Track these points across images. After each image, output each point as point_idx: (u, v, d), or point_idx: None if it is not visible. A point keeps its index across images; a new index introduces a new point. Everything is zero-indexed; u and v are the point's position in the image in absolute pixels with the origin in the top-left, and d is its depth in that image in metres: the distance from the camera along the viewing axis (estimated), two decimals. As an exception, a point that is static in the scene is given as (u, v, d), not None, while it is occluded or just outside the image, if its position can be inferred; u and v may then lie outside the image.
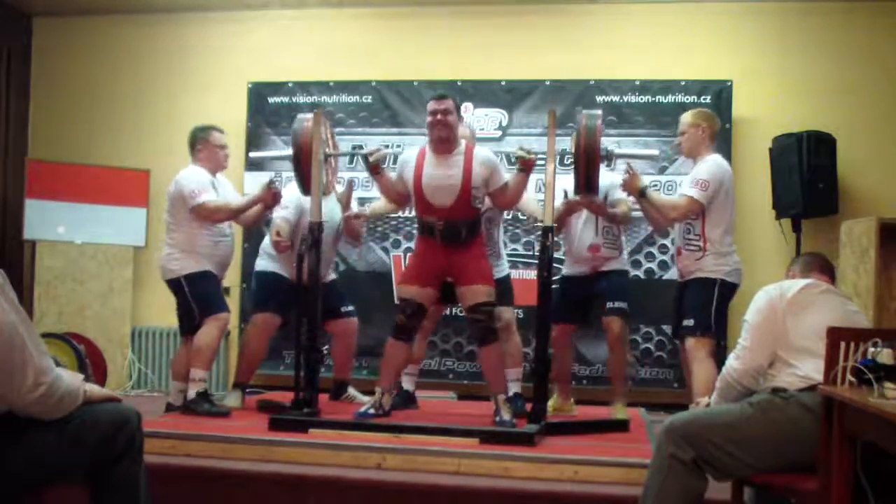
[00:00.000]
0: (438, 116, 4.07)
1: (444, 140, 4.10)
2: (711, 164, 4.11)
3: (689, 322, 4.05)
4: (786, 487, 2.57)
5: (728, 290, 4.11)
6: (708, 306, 4.03)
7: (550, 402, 4.48)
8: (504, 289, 4.51)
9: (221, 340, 4.70)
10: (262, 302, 4.65)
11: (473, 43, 6.00)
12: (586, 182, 4.16)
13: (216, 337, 4.43)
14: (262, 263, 4.71)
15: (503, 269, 4.64)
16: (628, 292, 4.48)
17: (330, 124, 4.67)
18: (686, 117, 4.25)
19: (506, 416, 4.03)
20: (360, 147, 5.81)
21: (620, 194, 4.42)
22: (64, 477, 2.29)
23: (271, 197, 4.50)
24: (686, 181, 4.25)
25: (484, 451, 3.49)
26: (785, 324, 2.69)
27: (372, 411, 4.14)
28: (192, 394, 4.34)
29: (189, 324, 4.46)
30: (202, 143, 4.54)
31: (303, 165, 4.31)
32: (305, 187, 4.38)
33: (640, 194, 4.21)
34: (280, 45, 6.25)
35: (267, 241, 4.74)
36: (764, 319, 2.74)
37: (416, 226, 4.49)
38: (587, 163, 4.08)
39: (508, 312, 4.55)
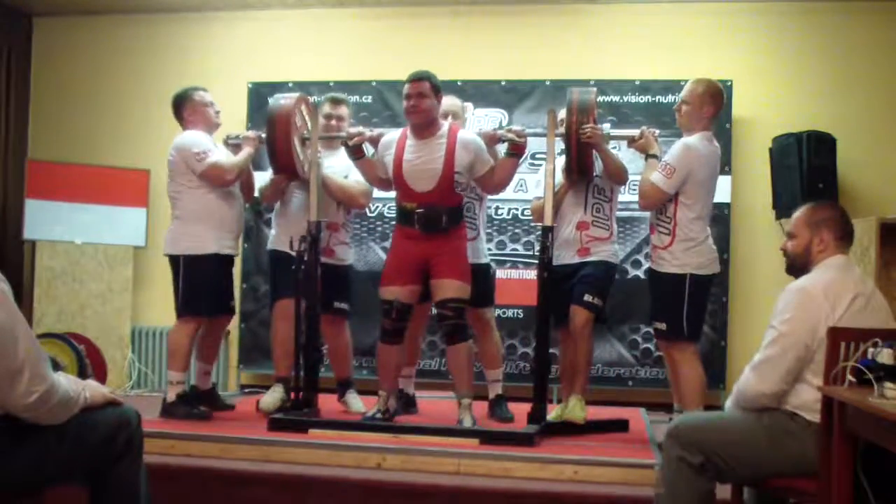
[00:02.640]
0: (412, 102, 3.92)
1: (420, 126, 3.98)
2: (681, 148, 3.79)
3: (660, 326, 3.85)
4: (786, 487, 2.57)
5: (701, 283, 3.82)
6: (679, 308, 3.77)
7: (556, 412, 4.22)
8: (485, 285, 4.35)
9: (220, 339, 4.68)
10: (279, 286, 4.41)
11: (473, 43, 6.00)
12: (579, 163, 3.96)
13: (189, 338, 4.24)
14: (272, 240, 4.58)
15: (481, 251, 4.43)
16: (605, 288, 4.09)
17: (309, 105, 4.47)
18: (697, 87, 3.86)
19: (467, 421, 3.95)
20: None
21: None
22: (64, 477, 2.30)
23: (256, 139, 4.38)
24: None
25: (484, 451, 3.49)
26: (823, 348, 2.44)
27: (379, 415, 4.06)
28: (171, 396, 4.20)
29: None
30: (188, 106, 4.35)
31: (277, 146, 4.17)
32: (279, 168, 4.27)
33: (647, 157, 3.97)
34: (280, 45, 6.25)
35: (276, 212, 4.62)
36: (800, 341, 2.49)
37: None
38: (579, 142, 3.87)
39: (489, 312, 4.41)
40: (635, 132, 4.12)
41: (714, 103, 3.87)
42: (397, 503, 3.24)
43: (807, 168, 5.16)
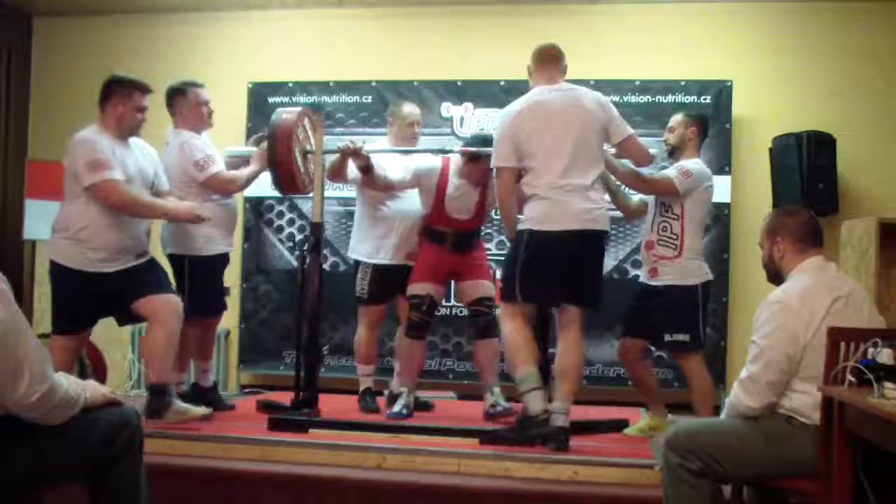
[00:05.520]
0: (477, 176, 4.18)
1: None
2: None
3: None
4: (786, 488, 2.57)
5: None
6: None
7: (643, 423, 4.15)
8: None
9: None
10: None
11: (473, 43, 5.99)
12: None
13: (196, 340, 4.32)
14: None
15: None
16: (689, 314, 3.88)
17: (312, 119, 4.39)
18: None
19: (503, 402, 4.22)
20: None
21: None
22: (64, 477, 2.30)
23: (264, 156, 4.24)
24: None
25: (484, 451, 3.49)
26: (808, 356, 2.51)
27: (405, 412, 4.23)
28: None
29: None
30: (180, 101, 4.29)
31: (278, 159, 4.12)
32: (282, 188, 4.29)
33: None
34: (280, 45, 6.24)
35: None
36: (781, 354, 2.52)
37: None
38: None
39: None
40: None
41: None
42: (397, 503, 3.24)
43: (807, 168, 5.16)
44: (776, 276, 2.80)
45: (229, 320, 5.67)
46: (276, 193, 4.63)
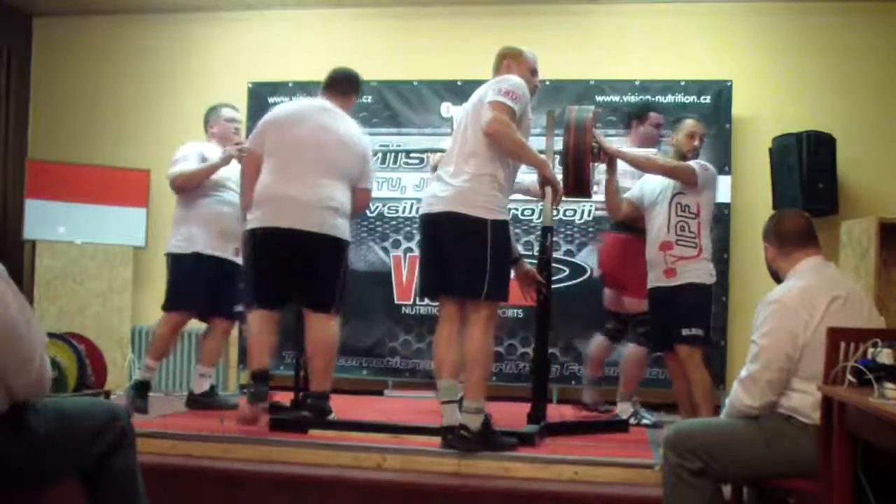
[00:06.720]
0: None
1: None
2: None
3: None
4: (786, 488, 2.57)
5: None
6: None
7: None
8: None
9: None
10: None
11: (473, 43, 5.98)
12: (576, 183, 3.98)
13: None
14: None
15: None
16: (701, 313, 4.01)
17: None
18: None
19: (646, 415, 4.58)
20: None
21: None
22: (58, 474, 2.30)
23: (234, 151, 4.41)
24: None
25: (484, 451, 3.49)
26: (807, 355, 2.51)
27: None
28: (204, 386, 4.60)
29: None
30: (212, 119, 4.72)
31: None
32: None
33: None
34: (280, 45, 6.25)
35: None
36: (780, 353, 2.53)
37: (416, 226, 4.47)
38: (577, 161, 3.92)
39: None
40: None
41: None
42: (397, 503, 3.24)
43: (807, 168, 5.16)
44: (776, 278, 2.83)
45: (229, 320, 5.67)
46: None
